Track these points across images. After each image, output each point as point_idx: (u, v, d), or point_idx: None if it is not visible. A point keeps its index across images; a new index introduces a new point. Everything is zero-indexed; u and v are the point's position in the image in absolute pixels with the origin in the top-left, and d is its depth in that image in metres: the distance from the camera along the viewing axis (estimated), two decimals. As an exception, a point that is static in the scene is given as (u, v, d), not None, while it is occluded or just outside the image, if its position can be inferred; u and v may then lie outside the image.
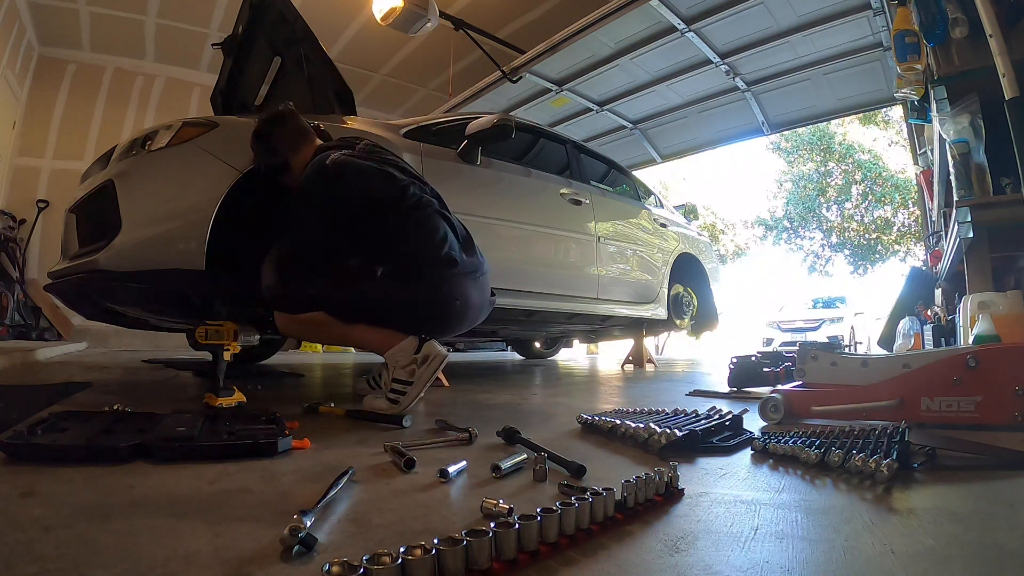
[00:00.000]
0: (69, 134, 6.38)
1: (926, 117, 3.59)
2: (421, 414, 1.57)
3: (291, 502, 0.74)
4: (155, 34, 6.22)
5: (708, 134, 7.14)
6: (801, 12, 4.93)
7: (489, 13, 5.42)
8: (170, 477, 0.86)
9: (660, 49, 5.47)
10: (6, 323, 5.41)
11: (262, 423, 1.20)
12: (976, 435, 1.17)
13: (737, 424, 1.27)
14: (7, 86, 5.59)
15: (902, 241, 15.19)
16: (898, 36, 3.22)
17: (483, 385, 2.59)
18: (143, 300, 1.98)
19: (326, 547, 0.59)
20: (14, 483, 0.80)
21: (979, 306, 2.56)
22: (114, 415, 1.21)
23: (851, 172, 15.85)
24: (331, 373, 3.35)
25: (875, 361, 1.42)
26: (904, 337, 3.95)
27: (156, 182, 1.89)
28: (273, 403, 1.76)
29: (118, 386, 2.14)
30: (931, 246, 4.75)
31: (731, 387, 2.33)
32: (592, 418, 1.31)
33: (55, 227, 3.61)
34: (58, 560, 0.54)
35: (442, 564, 0.50)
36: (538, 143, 3.39)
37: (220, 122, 1.99)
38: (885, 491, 0.82)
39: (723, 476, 0.91)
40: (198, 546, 0.59)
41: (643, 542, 0.63)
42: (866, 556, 0.58)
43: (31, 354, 3.23)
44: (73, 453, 0.93)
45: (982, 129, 2.69)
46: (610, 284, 3.47)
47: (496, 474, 0.89)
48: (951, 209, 2.92)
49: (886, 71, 5.28)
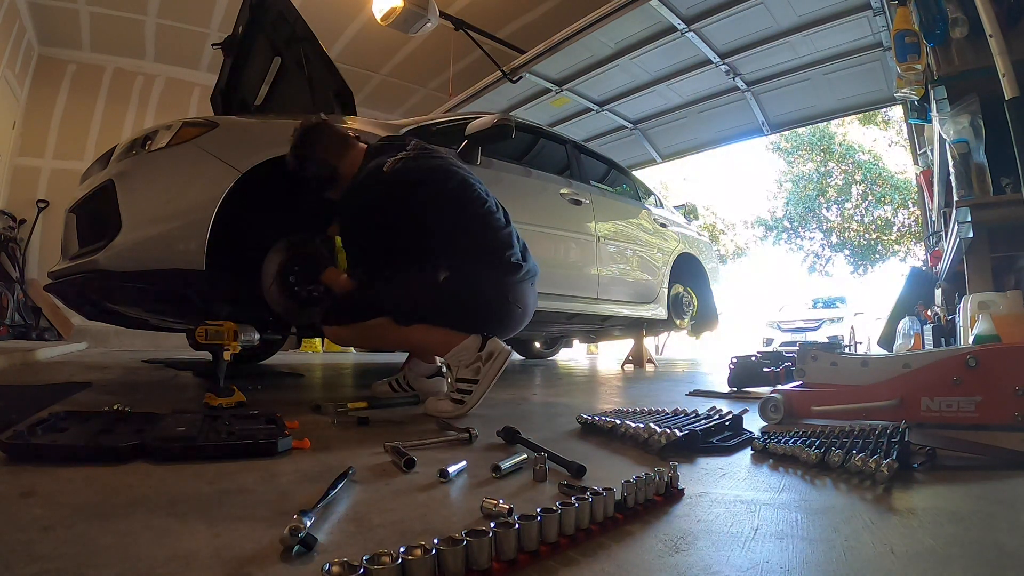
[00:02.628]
0: (69, 134, 6.38)
1: (926, 117, 3.59)
2: (421, 414, 1.57)
3: (291, 502, 0.74)
4: (155, 34, 6.23)
5: (708, 134, 7.13)
6: (801, 12, 4.92)
7: (489, 13, 5.42)
8: (170, 477, 0.86)
9: (660, 49, 5.47)
10: (6, 323, 5.41)
11: (262, 423, 1.20)
12: (976, 435, 1.17)
13: (737, 424, 1.27)
14: (7, 86, 5.59)
15: (902, 241, 15.18)
16: (898, 36, 3.22)
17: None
18: (143, 300, 1.98)
19: (326, 547, 0.59)
20: (14, 483, 0.80)
21: (979, 306, 2.56)
22: (114, 415, 1.21)
23: (851, 172, 15.85)
24: (331, 373, 3.35)
25: (875, 361, 1.42)
26: (904, 337, 3.95)
27: (156, 182, 1.89)
28: (273, 403, 1.76)
29: (118, 386, 2.14)
30: (931, 246, 4.75)
31: (731, 387, 2.33)
32: (592, 418, 1.31)
33: (55, 227, 3.61)
34: (58, 560, 0.54)
35: (442, 564, 0.50)
36: (538, 143, 3.39)
37: (220, 122, 1.99)
38: (885, 491, 0.82)
39: (723, 476, 0.91)
40: (198, 546, 0.59)
41: (643, 542, 0.63)
42: (866, 556, 0.58)
43: (31, 354, 3.23)
44: (73, 453, 0.93)
45: (982, 129, 2.69)
46: (610, 284, 3.47)
47: (496, 474, 0.89)
48: (951, 209, 2.92)
49: (886, 71, 5.28)
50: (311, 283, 2.09)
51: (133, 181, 1.89)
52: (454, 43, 5.52)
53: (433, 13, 4.55)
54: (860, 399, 1.35)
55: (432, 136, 2.60)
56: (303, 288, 2.10)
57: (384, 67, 6.86)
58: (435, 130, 2.65)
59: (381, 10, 4.50)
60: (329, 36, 5.70)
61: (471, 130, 2.54)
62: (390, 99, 7.49)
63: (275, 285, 2.08)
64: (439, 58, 6.18)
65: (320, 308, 2.00)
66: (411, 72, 6.93)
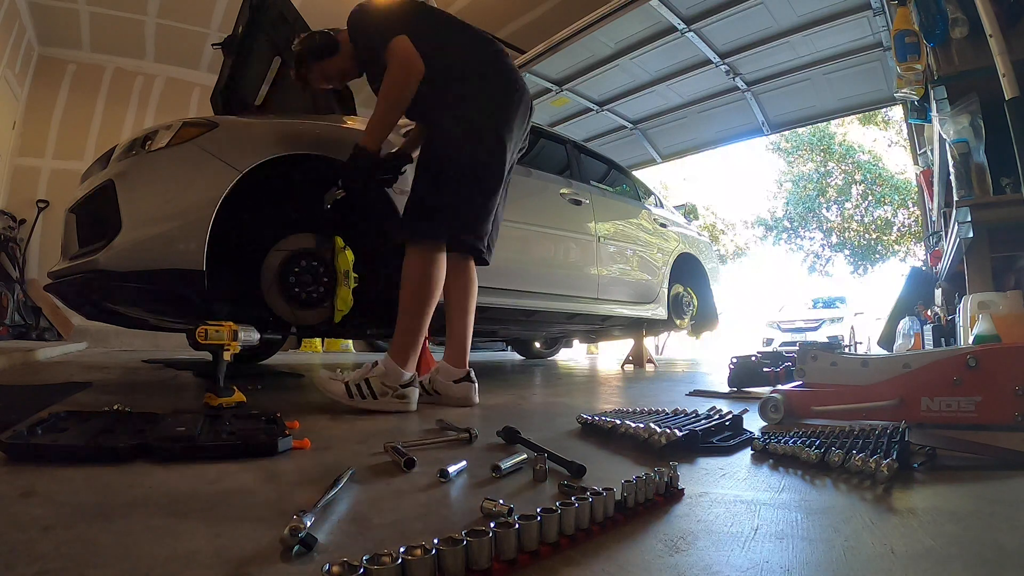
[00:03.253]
0: (69, 134, 6.38)
1: (926, 117, 3.59)
2: (421, 414, 1.57)
3: (291, 502, 0.74)
4: (155, 34, 6.22)
5: (708, 134, 7.14)
6: (801, 12, 4.93)
7: (489, 13, 5.42)
8: (170, 477, 0.86)
9: (660, 49, 5.48)
10: (6, 323, 5.41)
11: (262, 423, 1.20)
12: (976, 435, 1.17)
13: (737, 424, 1.27)
14: (7, 86, 5.59)
15: (902, 241, 15.19)
16: (898, 36, 3.22)
17: (483, 385, 2.59)
18: (143, 300, 1.98)
19: (326, 547, 0.59)
20: (14, 483, 0.79)
21: (979, 306, 2.56)
22: (114, 415, 1.21)
23: (851, 172, 15.85)
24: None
25: (875, 361, 1.42)
26: (904, 337, 3.95)
27: (156, 182, 1.89)
28: (273, 403, 1.76)
29: (118, 386, 2.14)
30: (931, 246, 4.75)
31: (731, 387, 2.33)
32: (592, 418, 1.31)
33: (55, 227, 3.61)
34: (58, 560, 0.54)
35: (442, 564, 0.50)
36: (538, 143, 3.39)
37: (220, 122, 1.99)
38: (885, 491, 0.81)
39: (723, 476, 0.91)
40: (198, 546, 0.59)
41: (643, 542, 0.63)
42: (866, 556, 0.58)
43: (31, 354, 3.23)
44: (73, 453, 0.93)
45: (982, 129, 2.69)
46: (610, 284, 3.47)
47: (496, 474, 0.89)
48: (951, 209, 2.92)
49: (886, 71, 5.29)
50: (311, 284, 2.10)
51: (133, 181, 1.89)
52: (454, 43, 5.51)
53: (433, 13, 4.54)
54: (860, 399, 1.35)
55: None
56: (303, 289, 2.10)
57: (384, 67, 6.85)
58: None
59: (381, 10, 4.49)
60: (329, 36, 5.69)
61: (471, 130, 2.54)
62: (390, 99, 7.48)
63: (275, 285, 2.08)
64: (439, 58, 6.18)
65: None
66: (411, 72, 6.92)
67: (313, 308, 2.12)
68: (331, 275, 2.13)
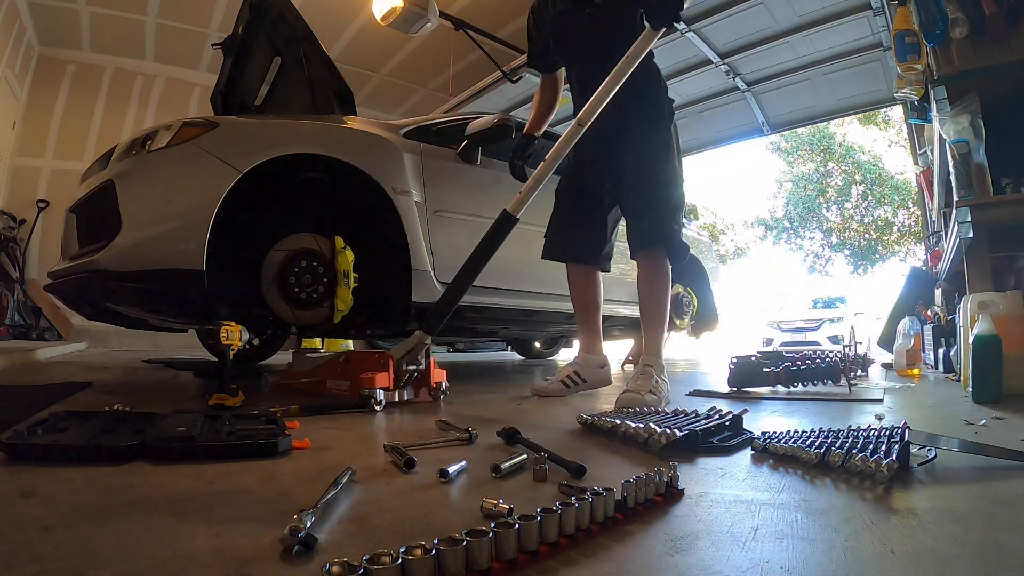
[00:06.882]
0: (69, 134, 6.37)
1: (926, 117, 3.59)
2: (421, 414, 1.57)
3: (291, 502, 0.74)
4: (155, 34, 6.22)
5: (708, 134, 7.14)
6: (801, 12, 4.93)
7: (489, 13, 5.42)
8: (170, 477, 0.86)
9: (660, 49, 5.44)
10: (6, 323, 5.41)
11: (262, 423, 1.20)
12: (976, 436, 1.16)
13: (737, 424, 1.27)
14: (7, 86, 5.59)
15: (902, 241, 15.20)
16: (898, 36, 3.22)
17: (483, 385, 2.59)
18: (143, 300, 1.98)
19: (326, 547, 0.59)
20: (14, 483, 0.80)
21: (979, 306, 2.56)
22: (114, 415, 1.21)
23: (851, 173, 15.86)
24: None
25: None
26: (904, 337, 3.95)
27: (156, 182, 1.89)
28: (273, 403, 1.76)
29: (118, 386, 2.14)
30: (931, 246, 4.75)
31: (731, 387, 2.33)
32: (592, 418, 1.31)
33: (55, 227, 3.61)
34: (58, 560, 0.54)
35: (442, 564, 0.50)
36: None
37: (220, 122, 1.99)
38: (885, 491, 0.81)
39: (723, 476, 0.91)
40: (198, 546, 0.59)
41: (643, 542, 0.63)
42: (866, 556, 0.58)
43: (31, 354, 3.23)
44: (73, 453, 0.93)
45: (982, 129, 2.68)
46: (610, 284, 3.46)
47: (496, 474, 0.89)
48: (951, 209, 2.92)
49: (886, 71, 5.29)
50: (311, 284, 2.09)
51: (133, 181, 1.89)
52: (454, 43, 5.51)
53: (433, 13, 4.55)
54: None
55: (432, 136, 2.60)
56: (303, 288, 2.10)
57: (384, 67, 6.85)
58: (435, 130, 2.64)
59: (381, 10, 4.50)
60: (329, 36, 5.69)
61: (471, 130, 2.54)
62: (390, 99, 7.48)
63: (275, 285, 2.08)
64: (439, 58, 6.18)
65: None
66: (411, 72, 6.92)
67: (313, 308, 2.12)
68: (331, 275, 2.13)
